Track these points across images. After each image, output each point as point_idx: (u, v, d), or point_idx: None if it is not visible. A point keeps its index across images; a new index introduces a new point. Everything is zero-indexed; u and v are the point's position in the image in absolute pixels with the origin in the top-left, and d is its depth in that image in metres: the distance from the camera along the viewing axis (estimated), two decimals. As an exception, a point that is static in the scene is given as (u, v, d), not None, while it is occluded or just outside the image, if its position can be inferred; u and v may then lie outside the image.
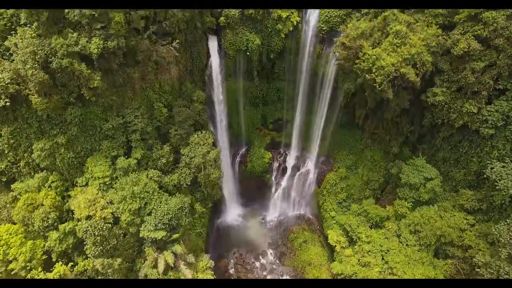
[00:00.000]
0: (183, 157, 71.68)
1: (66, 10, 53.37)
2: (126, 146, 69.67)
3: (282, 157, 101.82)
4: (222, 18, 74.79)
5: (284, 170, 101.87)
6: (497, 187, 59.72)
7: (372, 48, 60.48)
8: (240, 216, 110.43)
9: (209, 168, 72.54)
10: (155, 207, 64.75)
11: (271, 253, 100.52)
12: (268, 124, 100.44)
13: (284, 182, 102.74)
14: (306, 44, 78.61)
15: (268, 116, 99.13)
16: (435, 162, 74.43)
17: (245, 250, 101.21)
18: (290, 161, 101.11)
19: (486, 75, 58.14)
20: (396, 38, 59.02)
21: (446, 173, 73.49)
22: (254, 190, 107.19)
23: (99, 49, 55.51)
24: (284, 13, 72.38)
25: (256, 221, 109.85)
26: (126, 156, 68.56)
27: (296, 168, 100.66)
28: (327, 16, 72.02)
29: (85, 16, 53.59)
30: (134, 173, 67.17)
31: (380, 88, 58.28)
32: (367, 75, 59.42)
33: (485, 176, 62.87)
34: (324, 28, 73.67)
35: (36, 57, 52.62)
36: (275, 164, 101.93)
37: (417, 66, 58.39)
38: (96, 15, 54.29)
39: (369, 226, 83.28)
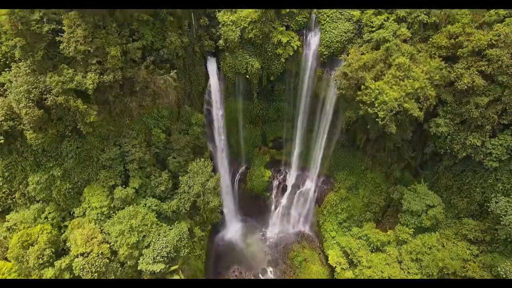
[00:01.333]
0: (182, 185, 70.65)
1: (61, 47, 52.05)
2: (123, 175, 68.58)
3: (282, 175, 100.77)
4: (221, 41, 73.37)
5: (284, 189, 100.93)
6: (501, 222, 58.78)
7: (375, 81, 59.22)
8: (240, 232, 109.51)
9: (208, 196, 71.55)
10: (153, 240, 63.82)
11: (271, 271, 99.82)
12: (268, 142, 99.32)
13: (284, 200, 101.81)
14: (306, 67, 77.23)
15: (268, 134, 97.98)
16: (437, 189, 73.41)
17: (245, 268, 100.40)
18: (290, 180, 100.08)
19: (491, 109, 57.00)
20: (399, 71, 57.77)
21: (449, 200, 72.52)
22: (254, 207, 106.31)
23: (95, 84, 54.27)
24: (284, 38, 70.94)
25: (256, 237, 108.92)
26: (124, 186, 67.42)
27: (296, 186, 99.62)
28: (328, 41, 70.52)
29: (80, 52, 52.26)
30: (132, 204, 66.17)
31: (382, 123, 57.05)
32: (369, 109, 58.22)
33: (489, 210, 61.83)
34: (325, 53, 72.20)
35: (31, 96, 51.31)
36: (275, 183, 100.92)
37: (421, 100, 57.13)
38: (91, 50, 52.96)
39: (370, 250, 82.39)
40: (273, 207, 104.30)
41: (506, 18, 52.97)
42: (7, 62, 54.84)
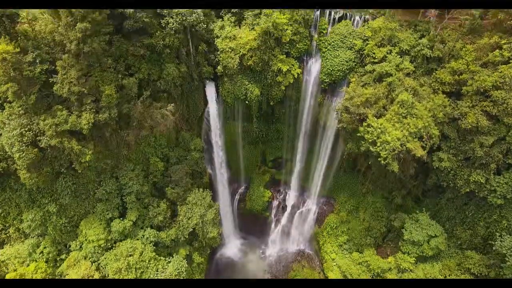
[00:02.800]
0: (181, 217, 69.61)
1: (55, 87, 50.63)
2: (121, 207, 67.48)
3: (282, 195, 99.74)
4: (219, 68, 71.76)
5: (284, 208, 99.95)
6: (507, 262, 57.70)
7: (377, 117, 57.84)
8: (240, 249, 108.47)
9: (207, 226, 70.53)
10: (151, 276, 62.76)
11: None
12: (268, 162, 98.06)
13: (284, 220, 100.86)
14: (307, 93, 75.81)
15: (268, 154, 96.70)
16: (439, 218, 72.34)
17: None
18: (290, 200, 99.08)
19: (496, 149, 55.74)
20: (401, 108, 56.36)
21: (451, 230, 71.53)
22: (254, 225, 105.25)
23: (90, 124, 52.92)
24: (284, 66, 69.31)
25: (255, 255, 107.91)
26: (121, 218, 66.34)
27: (296, 206, 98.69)
28: (330, 69, 69.05)
29: (74, 93, 50.85)
30: (129, 237, 65.13)
31: (384, 162, 55.78)
32: (371, 147, 56.89)
33: (494, 248, 60.73)
34: (326, 80, 70.79)
35: (24, 139, 49.97)
36: (275, 202, 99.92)
37: (424, 139, 55.80)
38: (85, 91, 51.52)
39: (370, 276, 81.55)
40: (273, 225, 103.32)
41: (511, 60, 51.47)
42: (0, 102, 53.37)
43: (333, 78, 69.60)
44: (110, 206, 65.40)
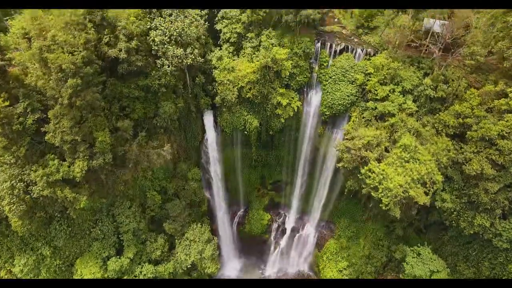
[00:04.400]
0: (179, 253, 68.43)
1: (47, 137, 48.99)
2: (117, 244, 66.21)
3: (282, 218, 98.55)
4: (217, 99, 69.96)
5: (284, 231, 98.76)
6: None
7: (379, 160, 56.26)
8: (239, 269, 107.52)
9: (205, 262, 69.36)
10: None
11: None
12: (267, 185, 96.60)
13: (283, 242, 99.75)
14: (307, 124, 74.12)
15: (267, 177, 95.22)
16: (441, 252, 70.99)
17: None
18: (290, 223, 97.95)
19: (501, 195, 54.21)
20: (404, 152, 54.76)
21: (454, 265, 70.29)
22: (253, 247, 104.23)
23: (83, 172, 51.39)
24: (284, 100, 67.59)
25: (254, 275, 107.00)
26: (118, 256, 65.12)
27: (295, 229, 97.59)
28: (330, 102, 67.29)
29: (67, 142, 49.23)
30: (127, 274, 63.99)
31: (386, 208, 54.35)
32: (372, 193, 55.40)
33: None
34: (326, 113, 69.04)
35: (14, 192, 48.49)
36: (274, 225, 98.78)
37: (427, 185, 54.26)
38: (78, 140, 49.88)
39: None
40: (272, 247, 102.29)
41: (518, 110, 49.87)
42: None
43: (334, 112, 67.86)
44: (106, 244, 64.25)
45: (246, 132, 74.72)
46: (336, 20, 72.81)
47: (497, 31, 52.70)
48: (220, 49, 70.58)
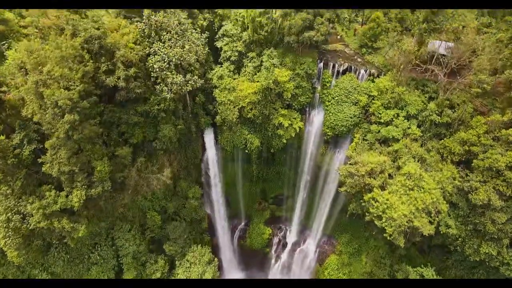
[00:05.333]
0: (179, 275, 67.51)
1: (44, 168, 47.90)
2: (117, 267, 65.32)
3: (283, 232, 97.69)
4: (218, 118, 68.91)
5: (285, 245, 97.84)
6: None
7: (382, 188, 55.17)
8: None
9: (205, 284, 68.42)
10: None
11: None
12: (268, 198, 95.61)
13: (284, 256, 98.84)
14: (309, 143, 72.96)
15: (268, 191, 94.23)
16: (445, 275, 69.98)
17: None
18: (291, 237, 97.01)
19: (509, 225, 53.02)
20: (408, 180, 53.64)
21: None
22: (254, 260, 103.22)
23: (82, 201, 50.35)
24: (285, 121, 66.37)
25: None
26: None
27: (296, 244, 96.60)
28: (333, 123, 66.12)
29: (65, 172, 48.17)
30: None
31: (390, 238, 53.35)
32: (376, 221, 54.36)
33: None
34: (329, 133, 67.90)
35: (10, 225, 47.47)
36: (275, 239, 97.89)
37: (432, 214, 53.19)
38: (76, 170, 48.79)
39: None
40: (273, 261, 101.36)
41: (528, 141, 48.69)
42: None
43: (336, 132, 66.73)
44: (105, 268, 63.50)
45: (247, 151, 73.55)
46: (339, 37, 71.52)
47: (504, 58, 51.38)
48: (221, 66, 69.34)
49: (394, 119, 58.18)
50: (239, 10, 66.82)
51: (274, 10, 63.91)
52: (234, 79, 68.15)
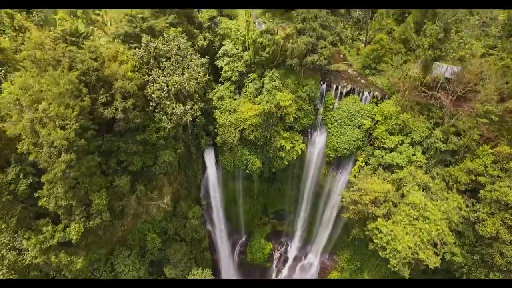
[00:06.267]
0: (178, 300, 66.53)
1: (40, 202, 46.75)
2: (116, 292, 64.30)
3: (284, 247, 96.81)
4: (218, 139, 67.71)
5: (286, 260, 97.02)
6: None
7: (386, 217, 54.14)
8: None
9: (206, 308, 67.49)
10: None
11: None
12: (269, 213, 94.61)
13: (285, 271, 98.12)
14: (311, 163, 71.88)
15: (269, 206, 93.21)
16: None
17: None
18: (292, 252, 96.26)
19: (517, 256, 52.00)
20: (413, 209, 52.59)
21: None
22: (254, 275, 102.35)
23: (80, 234, 49.23)
24: (287, 144, 65.23)
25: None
26: (116, 305, 63.22)
27: (298, 258, 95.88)
28: (335, 145, 64.94)
29: (62, 207, 47.04)
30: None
31: (395, 270, 52.39)
32: (380, 252, 53.40)
33: None
34: (331, 155, 66.74)
35: (5, 262, 46.41)
36: (276, 254, 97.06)
37: (437, 246, 52.19)
38: (74, 204, 47.66)
39: None
40: (273, 275, 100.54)
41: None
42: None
43: (339, 155, 65.60)
44: (104, 294, 62.00)
45: (248, 171, 72.43)
46: (341, 56, 70.12)
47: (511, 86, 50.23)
48: (222, 85, 68.06)
49: (398, 145, 56.95)
50: (240, 29, 65.50)
51: (276, 31, 62.74)
52: (235, 99, 66.89)
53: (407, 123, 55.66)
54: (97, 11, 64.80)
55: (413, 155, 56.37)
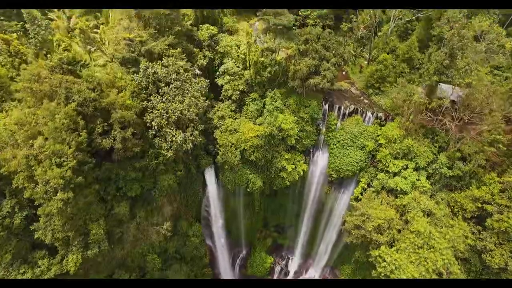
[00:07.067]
0: (178, 322, 65.66)
1: (37, 235, 45.65)
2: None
3: (285, 261, 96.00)
4: (219, 158, 66.49)
5: (287, 274, 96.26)
6: None
7: (390, 244, 53.15)
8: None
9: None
10: None
11: None
12: (270, 227, 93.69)
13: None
14: (313, 182, 70.92)
15: (270, 220, 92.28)
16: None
17: None
18: (293, 266, 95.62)
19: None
20: (418, 237, 51.59)
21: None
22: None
23: (78, 265, 48.22)
24: (289, 166, 64.12)
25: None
26: (115, 328, 62.33)
27: (298, 273, 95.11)
28: (338, 166, 63.88)
29: (59, 239, 46.00)
30: None
31: (398, 299, 51.36)
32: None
33: None
34: (334, 175, 65.70)
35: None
36: (277, 268, 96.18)
37: (443, 275, 51.18)
38: (71, 235, 46.59)
39: None
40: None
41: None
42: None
43: (341, 175, 64.57)
44: (103, 318, 61.04)
45: (248, 190, 71.36)
46: (344, 73, 68.84)
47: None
48: (222, 102, 66.78)
49: (402, 170, 55.86)
50: (241, 46, 64.18)
51: (277, 52, 61.50)
52: (236, 118, 65.64)
53: (412, 148, 54.48)
54: (95, 29, 63.47)
55: (418, 180, 55.29)
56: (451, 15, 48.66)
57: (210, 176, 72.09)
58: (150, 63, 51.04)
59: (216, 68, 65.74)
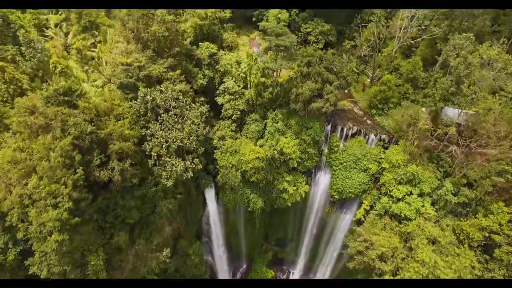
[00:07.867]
0: None
1: (31, 270, 44.53)
2: None
3: (285, 275, 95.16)
4: (219, 178, 65.32)
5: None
6: None
7: (394, 274, 52.15)
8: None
9: None
10: None
11: None
12: (271, 240, 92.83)
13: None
14: (314, 202, 69.95)
15: (271, 234, 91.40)
16: None
17: None
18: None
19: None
20: (423, 267, 50.58)
21: None
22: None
23: (76, 296, 47.09)
24: (291, 188, 63.03)
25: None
26: None
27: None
28: (340, 187, 62.76)
29: (55, 273, 44.88)
30: None
31: (403, 330, 50.46)
32: (387, 311, 51.37)
33: None
34: (336, 196, 64.62)
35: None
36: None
37: (448, 306, 50.24)
38: (68, 269, 45.45)
39: None
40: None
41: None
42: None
43: (343, 197, 63.47)
44: None
45: (249, 209, 70.33)
46: (346, 91, 67.53)
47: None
48: (223, 120, 65.53)
49: (406, 196, 54.74)
50: (241, 66, 62.85)
51: (278, 74, 60.20)
52: (236, 138, 64.43)
53: (416, 175, 53.34)
54: (92, 48, 62.07)
55: (422, 206, 54.18)
56: (457, 42, 47.25)
57: (210, 195, 70.94)
58: (148, 89, 49.66)
59: (217, 86, 64.42)
